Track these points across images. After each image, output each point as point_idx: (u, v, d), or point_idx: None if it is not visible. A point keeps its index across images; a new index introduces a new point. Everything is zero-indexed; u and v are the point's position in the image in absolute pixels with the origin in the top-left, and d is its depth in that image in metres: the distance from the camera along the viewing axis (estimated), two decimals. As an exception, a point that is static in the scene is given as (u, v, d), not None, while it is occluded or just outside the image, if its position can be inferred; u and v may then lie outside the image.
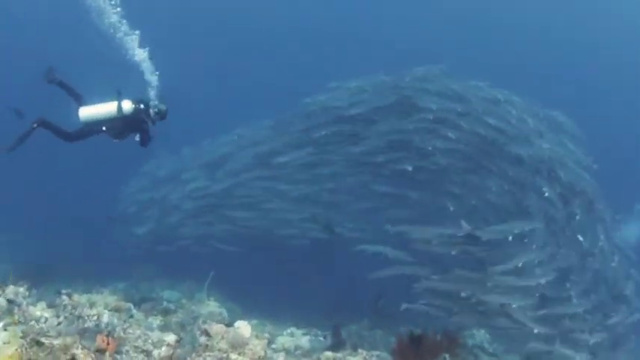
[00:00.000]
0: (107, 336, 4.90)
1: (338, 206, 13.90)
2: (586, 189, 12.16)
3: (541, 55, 38.67)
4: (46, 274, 12.73)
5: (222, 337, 5.12)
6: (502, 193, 11.82)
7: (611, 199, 13.24)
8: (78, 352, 4.35)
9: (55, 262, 13.97)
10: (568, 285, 11.17)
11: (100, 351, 4.69)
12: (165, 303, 9.03)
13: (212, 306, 9.05)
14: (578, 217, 11.72)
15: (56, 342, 4.33)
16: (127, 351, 5.01)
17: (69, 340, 4.39)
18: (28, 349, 4.13)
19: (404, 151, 12.45)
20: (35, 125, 7.57)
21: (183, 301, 9.81)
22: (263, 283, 13.71)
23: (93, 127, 7.87)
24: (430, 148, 12.01)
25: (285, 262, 14.01)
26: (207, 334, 5.19)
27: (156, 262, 14.53)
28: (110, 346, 4.76)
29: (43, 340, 4.31)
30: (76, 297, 6.38)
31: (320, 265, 13.96)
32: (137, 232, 15.44)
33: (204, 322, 7.94)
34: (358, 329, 12.11)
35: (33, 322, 5.53)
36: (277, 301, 13.56)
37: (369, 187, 13.44)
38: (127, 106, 7.82)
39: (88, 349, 4.49)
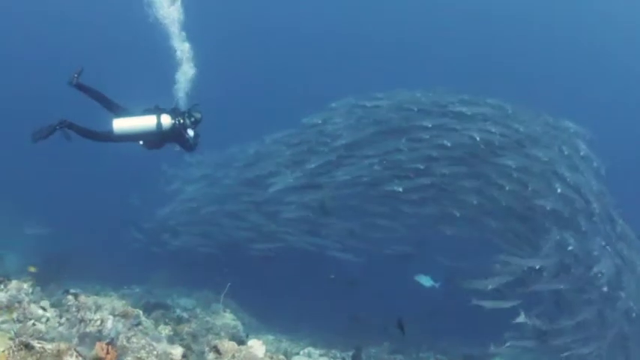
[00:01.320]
0: (108, 344, 4.43)
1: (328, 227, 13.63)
2: (592, 190, 11.73)
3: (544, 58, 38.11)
4: (64, 271, 12.57)
5: (233, 356, 4.59)
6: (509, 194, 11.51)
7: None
8: (71, 359, 3.88)
9: (76, 260, 13.81)
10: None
11: (98, 360, 4.23)
12: (178, 311, 8.57)
13: (227, 318, 8.55)
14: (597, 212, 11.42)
15: (48, 347, 3.86)
16: (129, 362, 4.54)
17: (63, 345, 3.93)
18: (15, 352, 3.68)
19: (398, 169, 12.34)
20: (58, 127, 7.15)
21: (198, 310, 9.35)
22: (282, 296, 13.29)
23: (127, 139, 7.46)
24: (422, 167, 11.92)
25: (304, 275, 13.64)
26: (216, 351, 4.67)
27: (174, 268, 14.21)
28: (109, 356, 4.29)
29: (34, 343, 3.85)
30: (82, 298, 5.94)
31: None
32: (136, 236, 15.83)
33: (217, 335, 7.51)
34: (378, 352, 11.64)
35: (31, 322, 5.13)
36: (296, 316, 13.15)
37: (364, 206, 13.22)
38: (166, 121, 7.35)
39: (84, 357, 4.03)
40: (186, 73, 7.70)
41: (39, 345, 3.84)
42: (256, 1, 38.78)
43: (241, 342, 5.32)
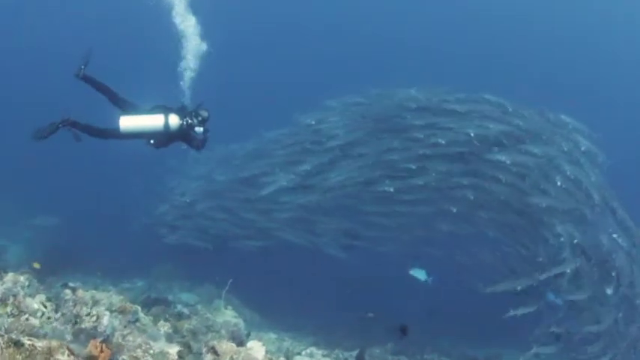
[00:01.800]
0: (102, 342, 4.27)
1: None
2: (592, 183, 11.44)
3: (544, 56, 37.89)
4: (67, 264, 12.49)
5: (232, 359, 4.42)
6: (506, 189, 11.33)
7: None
8: (63, 358, 3.72)
9: (78, 253, 13.74)
10: None
11: (91, 359, 4.06)
12: (179, 307, 8.41)
13: (229, 315, 8.38)
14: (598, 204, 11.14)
15: (39, 344, 3.70)
16: (124, 361, 4.37)
17: (54, 343, 3.76)
18: (3, 350, 3.52)
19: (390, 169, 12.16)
20: (61, 125, 6.99)
21: (199, 307, 9.19)
22: (286, 293, 13.17)
23: (133, 137, 7.30)
24: (414, 167, 11.77)
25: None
26: (214, 352, 4.49)
27: (176, 262, 14.09)
28: (103, 354, 4.13)
29: (24, 340, 3.69)
30: (80, 292, 5.78)
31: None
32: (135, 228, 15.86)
33: (218, 333, 7.34)
34: (382, 353, 11.48)
35: (25, 317, 4.98)
36: (300, 313, 13.02)
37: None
38: (174, 121, 7.21)
39: (76, 356, 3.86)
40: (193, 48, 7.55)
41: (29, 342, 3.69)
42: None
43: (241, 343, 5.13)
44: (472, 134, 11.49)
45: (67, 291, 5.84)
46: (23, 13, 34.64)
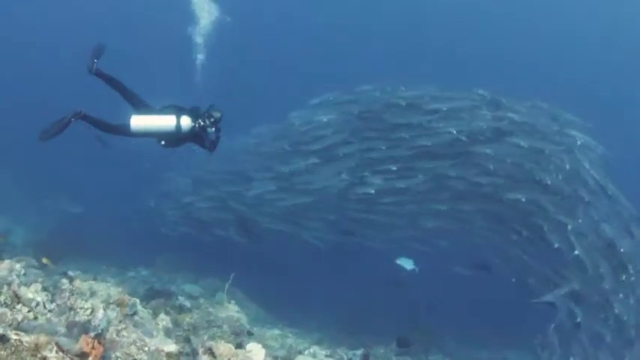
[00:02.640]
0: (94, 338, 4.07)
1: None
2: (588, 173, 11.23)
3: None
4: (72, 250, 12.39)
5: (229, 361, 4.20)
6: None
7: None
8: (51, 354, 3.52)
9: (84, 239, 13.67)
10: None
11: (81, 356, 3.86)
12: (180, 299, 8.21)
13: (231, 310, 8.15)
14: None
15: (26, 339, 3.51)
16: (117, 358, 4.17)
17: (42, 338, 3.56)
18: (-13, 345, 3.33)
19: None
20: (72, 119, 6.78)
21: (201, 300, 9.00)
22: (291, 287, 13.05)
23: (144, 136, 7.10)
24: (395, 168, 11.87)
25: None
26: (211, 354, 4.28)
27: (181, 252, 13.97)
28: (95, 351, 3.92)
29: (11, 334, 3.49)
30: (77, 282, 5.59)
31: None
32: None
33: (219, 328, 7.16)
34: (386, 353, 11.33)
35: (18, 307, 4.78)
36: (304, 308, 12.89)
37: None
38: (186, 123, 7.02)
39: (65, 353, 3.66)
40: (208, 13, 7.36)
41: (15, 337, 3.49)
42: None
43: (239, 345, 4.91)
44: (454, 132, 11.44)
45: (64, 280, 5.64)
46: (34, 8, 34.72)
